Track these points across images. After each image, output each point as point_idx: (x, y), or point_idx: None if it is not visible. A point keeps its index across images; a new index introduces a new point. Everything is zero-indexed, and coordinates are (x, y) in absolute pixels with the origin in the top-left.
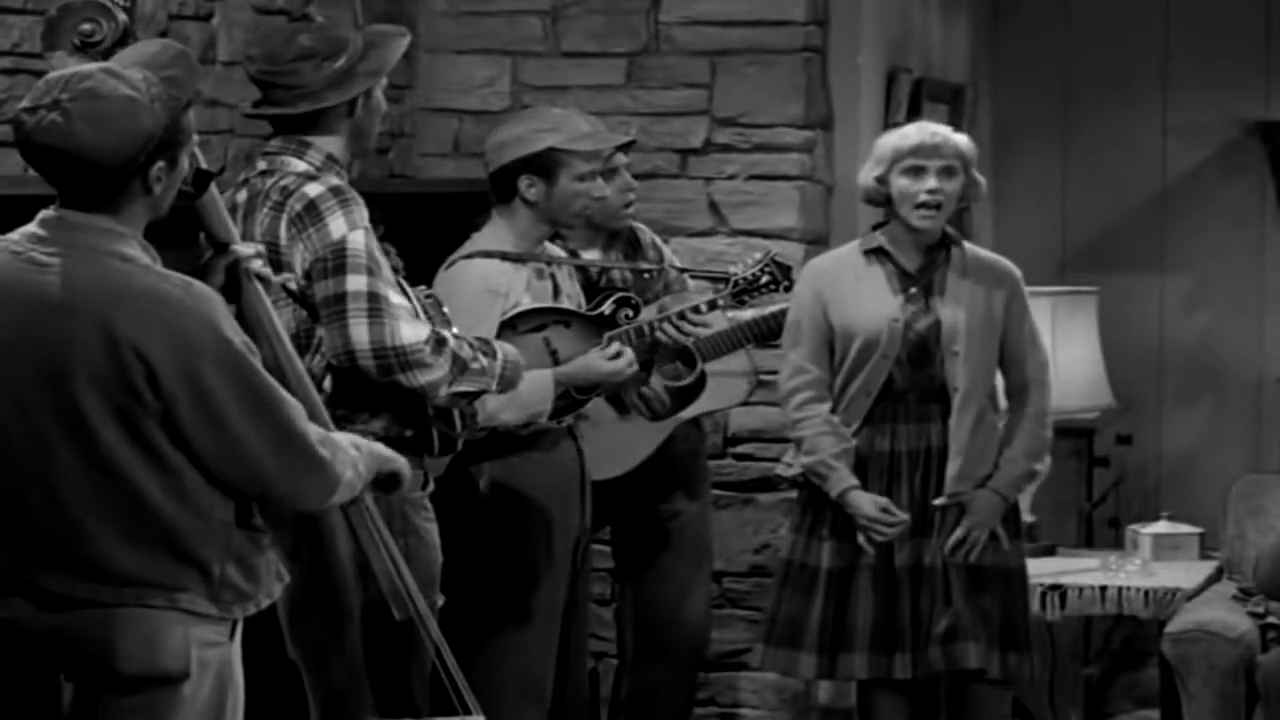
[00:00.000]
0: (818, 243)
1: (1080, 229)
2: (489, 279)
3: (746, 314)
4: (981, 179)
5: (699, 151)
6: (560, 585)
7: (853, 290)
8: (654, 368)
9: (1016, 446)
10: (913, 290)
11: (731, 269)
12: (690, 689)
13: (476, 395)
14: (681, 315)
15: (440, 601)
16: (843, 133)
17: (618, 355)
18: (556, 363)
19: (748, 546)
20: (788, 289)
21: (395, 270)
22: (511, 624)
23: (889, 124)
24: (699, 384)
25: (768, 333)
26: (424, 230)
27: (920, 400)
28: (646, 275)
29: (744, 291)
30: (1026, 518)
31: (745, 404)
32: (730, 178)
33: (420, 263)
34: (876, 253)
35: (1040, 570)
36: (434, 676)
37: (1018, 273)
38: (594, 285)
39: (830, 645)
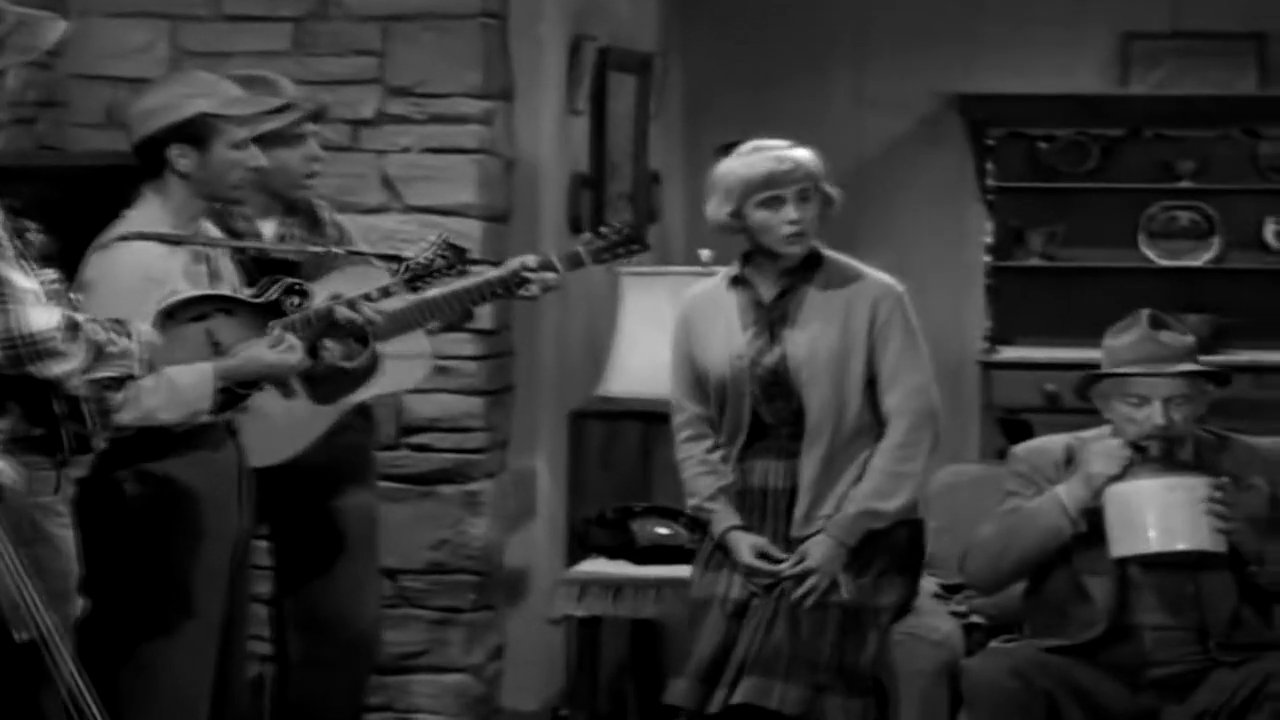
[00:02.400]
0: (497, 219)
1: None
2: (146, 265)
3: (430, 294)
4: (834, 191)
5: (371, 123)
6: (217, 593)
7: (710, 325)
8: (321, 356)
9: (862, 484)
10: (762, 322)
11: (406, 253)
12: (360, 695)
13: (119, 382)
14: (353, 304)
15: (80, 609)
16: (524, 104)
17: (284, 345)
18: (219, 354)
19: (425, 542)
20: (463, 272)
21: (26, 246)
22: (162, 637)
23: (572, 95)
24: (371, 366)
25: (447, 312)
26: (76, 206)
27: (791, 436)
28: (320, 254)
29: (418, 277)
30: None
31: (423, 391)
32: (404, 151)
33: (74, 241)
34: (738, 282)
35: None
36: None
37: (893, 290)
38: (266, 263)
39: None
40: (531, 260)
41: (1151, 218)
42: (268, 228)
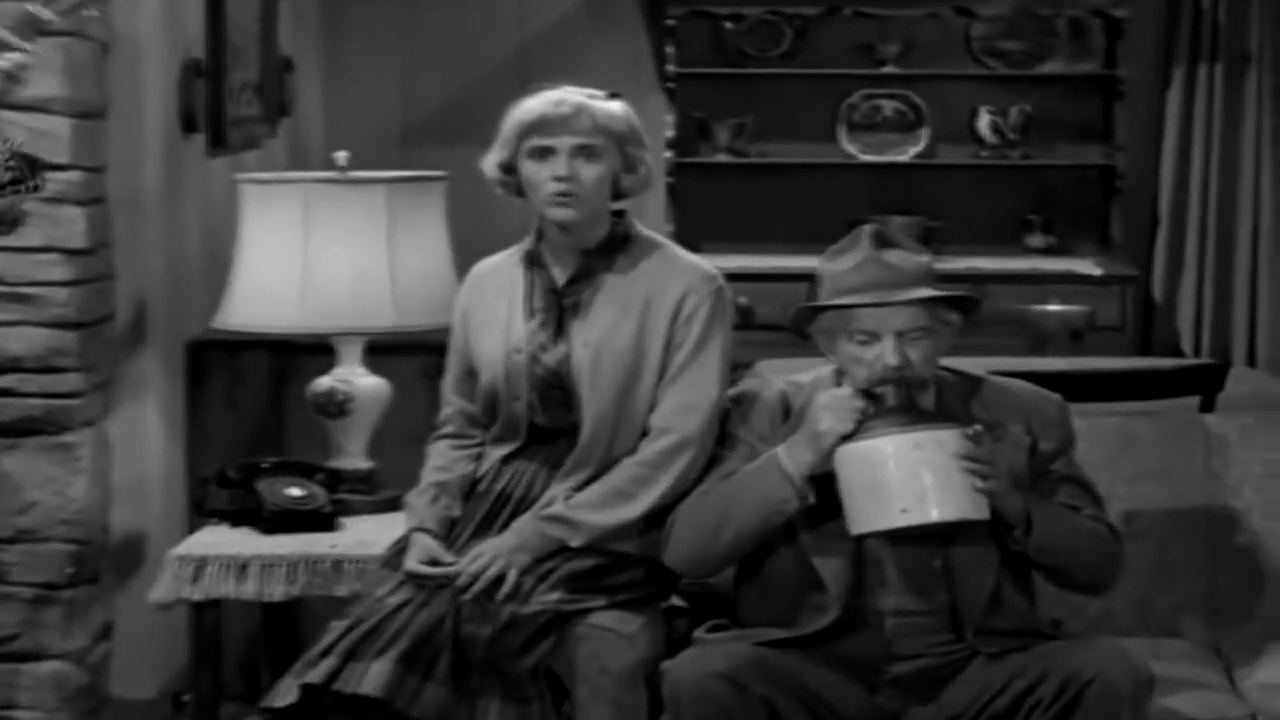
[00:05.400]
0: (90, 116)
1: (425, 96)
2: None
3: None
4: (648, 158)
5: None
6: None
7: (490, 308)
8: None
9: (585, 491)
10: (550, 311)
11: None
12: None
13: None
14: None
15: None
16: None
17: None
18: None
19: (11, 507)
20: (36, 188)
21: None
22: None
23: None
24: None
25: None
26: None
27: (571, 447)
28: None
29: None
30: None
31: (3, 324)
32: None
33: None
34: (532, 260)
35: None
36: None
37: (707, 284)
38: None
39: None
40: None
41: (852, 107)
42: None
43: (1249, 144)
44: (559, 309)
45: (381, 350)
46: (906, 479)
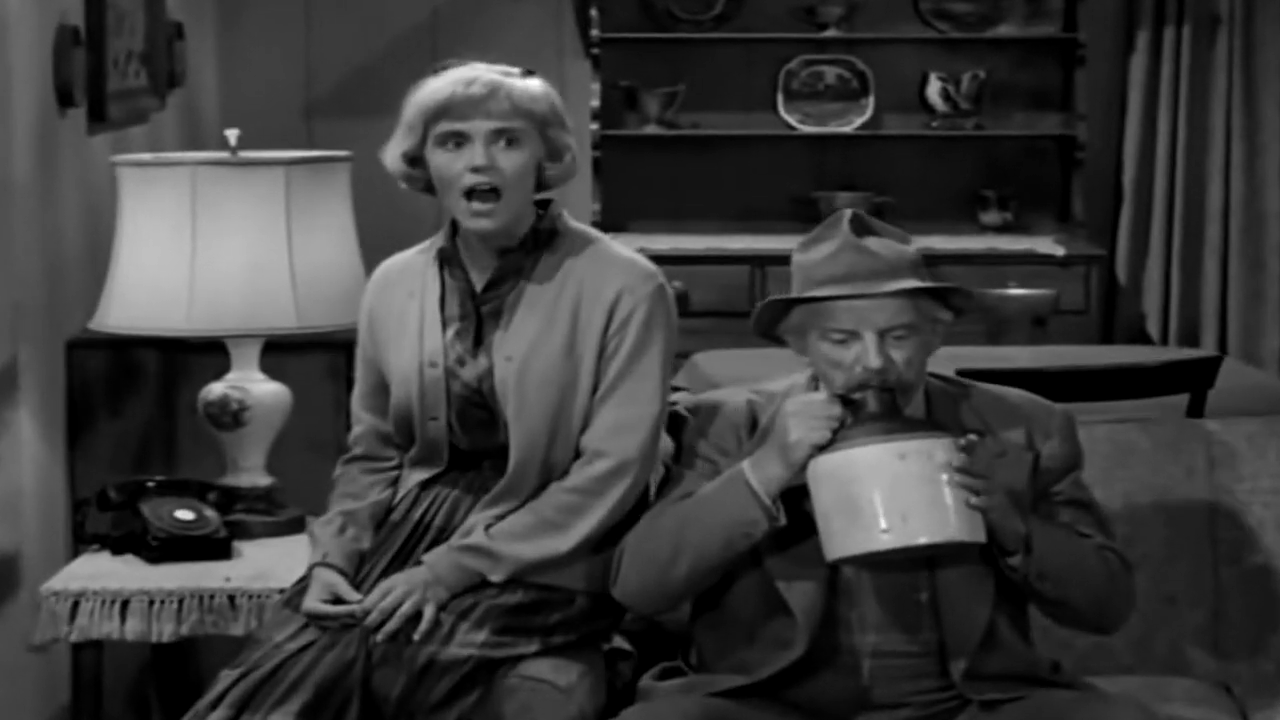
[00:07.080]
0: None
1: (330, 66)
2: None
3: None
4: (572, 143)
5: None
6: None
7: (400, 314)
8: None
9: (509, 519)
10: (469, 319)
11: None
12: None
13: None
14: None
15: None
16: None
17: None
18: None
19: None
20: None
21: None
22: None
23: None
24: None
25: None
26: None
27: (495, 469)
28: None
29: None
30: None
31: None
32: None
33: None
34: (445, 257)
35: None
36: None
37: (644, 284)
38: None
39: None
40: None
41: (792, 75)
42: None
43: (1218, 113)
44: (477, 316)
45: (280, 349)
46: (889, 495)
